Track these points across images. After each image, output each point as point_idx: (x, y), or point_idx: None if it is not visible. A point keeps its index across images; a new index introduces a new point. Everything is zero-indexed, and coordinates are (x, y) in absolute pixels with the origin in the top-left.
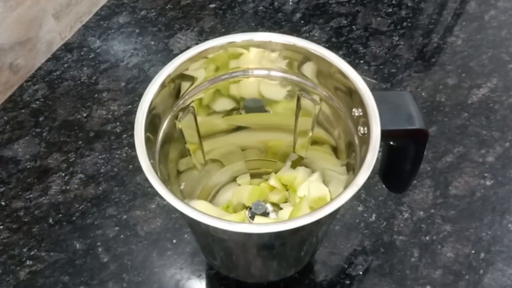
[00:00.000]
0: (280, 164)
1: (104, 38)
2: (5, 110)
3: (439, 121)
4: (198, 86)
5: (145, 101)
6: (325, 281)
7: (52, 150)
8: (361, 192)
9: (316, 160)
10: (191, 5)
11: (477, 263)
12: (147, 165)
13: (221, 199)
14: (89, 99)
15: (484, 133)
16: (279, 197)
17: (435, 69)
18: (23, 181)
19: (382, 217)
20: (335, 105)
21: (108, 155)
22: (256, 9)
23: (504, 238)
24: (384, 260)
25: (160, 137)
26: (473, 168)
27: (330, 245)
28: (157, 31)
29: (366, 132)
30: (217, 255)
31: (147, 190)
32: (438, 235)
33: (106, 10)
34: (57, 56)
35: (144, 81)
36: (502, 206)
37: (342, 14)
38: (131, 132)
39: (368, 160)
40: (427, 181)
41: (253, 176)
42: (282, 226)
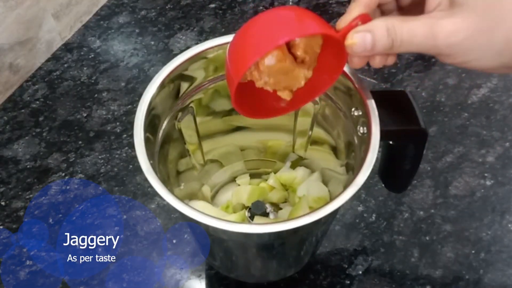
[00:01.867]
0: (280, 164)
1: (104, 38)
2: (5, 110)
3: (439, 121)
4: (198, 86)
5: (144, 101)
6: (325, 281)
7: (52, 150)
8: (361, 192)
9: (316, 160)
10: (191, 5)
11: (477, 263)
12: (146, 165)
13: (220, 199)
14: (89, 99)
15: (484, 133)
16: (278, 197)
17: (435, 69)
18: (23, 181)
19: (382, 217)
20: (334, 105)
21: (108, 155)
22: (256, 9)
23: (504, 238)
24: (384, 260)
25: (159, 138)
26: (473, 168)
27: (330, 245)
28: (157, 31)
29: (366, 132)
30: (217, 255)
31: (147, 190)
32: (438, 235)
33: (106, 10)
34: (57, 56)
35: (144, 81)
36: (502, 206)
37: (342, 14)
38: (131, 132)
39: (367, 160)
40: (427, 181)
41: (253, 176)
42: (281, 226)
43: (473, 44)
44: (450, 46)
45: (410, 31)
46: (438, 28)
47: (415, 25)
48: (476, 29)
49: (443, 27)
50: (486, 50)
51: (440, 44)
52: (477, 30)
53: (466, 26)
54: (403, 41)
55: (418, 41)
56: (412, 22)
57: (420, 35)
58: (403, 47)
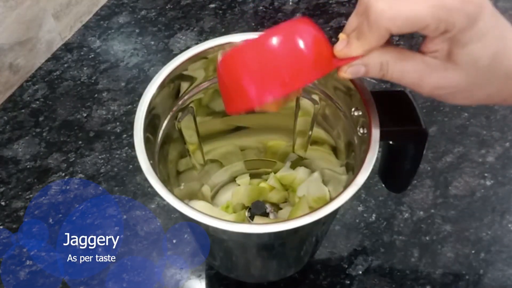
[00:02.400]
0: (280, 164)
1: (104, 38)
2: (5, 110)
3: (439, 121)
4: (198, 86)
5: (144, 101)
6: (325, 281)
7: (52, 150)
8: (361, 192)
9: (316, 160)
10: (191, 5)
11: (477, 263)
12: (146, 165)
13: (220, 199)
14: (89, 99)
15: (484, 133)
16: (278, 197)
17: None
18: (23, 181)
19: (382, 217)
20: (334, 105)
21: (108, 155)
22: (256, 9)
23: (504, 238)
24: (384, 260)
25: (159, 138)
26: (473, 168)
27: (330, 245)
28: (157, 31)
29: (366, 132)
30: (217, 255)
31: (147, 190)
32: (438, 235)
33: (106, 10)
34: (57, 56)
35: (144, 81)
36: (502, 206)
37: (342, 14)
38: (131, 132)
39: (367, 160)
40: (427, 181)
41: (253, 176)
42: (281, 226)
43: (454, 97)
44: (433, 95)
45: (400, 73)
46: (426, 80)
47: (406, 69)
48: (461, 89)
49: (432, 80)
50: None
51: (424, 92)
52: (462, 89)
53: (454, 85)
54: (393, 78)
55: (406, 83)
56: (405, 64)
57: (409, 80)
58: (393, 81)
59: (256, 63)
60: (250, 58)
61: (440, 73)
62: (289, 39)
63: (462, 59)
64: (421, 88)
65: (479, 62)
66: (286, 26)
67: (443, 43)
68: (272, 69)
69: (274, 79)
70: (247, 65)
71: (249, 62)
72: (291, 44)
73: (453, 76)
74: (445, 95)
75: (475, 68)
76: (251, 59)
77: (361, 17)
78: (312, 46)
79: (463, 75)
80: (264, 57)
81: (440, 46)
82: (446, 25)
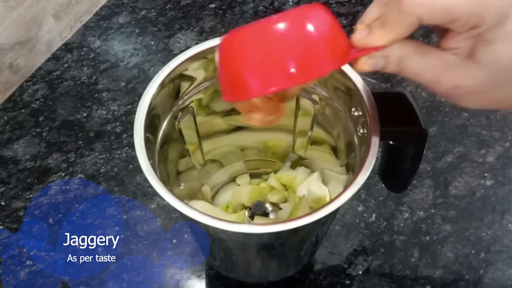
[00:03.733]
0: (280, 164)
1: (104, 38)
2: (5, 110)
3: (439, 121)
4: (198, 86)
5: (144, 101)
6: (325, 281)
7: (52, 150)
8: (361, 192)
9: (316, 160)
10: (191, 5)
11: (477, 263)
12: (146, 165)
13: (220, 199)
14: (89, 99)
15: (484, 133)
16: (278, 197)
17: None
18: (23, 181)
19: (382, 217)
20: (334, 105)
21: (108, 155)
22: (256, 9)
23: (504, 238)
24: (384, 260)
25: (159, 138)
26: (473, 168)
27: (330, 245)
28: (157, 31)
29: (366, 132)
30: (217, 255)
31: (147, 190)
32: (438, 235)
33: (106, 10)
34: (57, 56)
35: (144, 81)
36: (502, 206)
37: (342, 14)
38: (131, 132)
39: (368, 160)
40: (427, 181)
41: (253, 176)
42: (281, 226)
43: (470, 97)
44: (448, 95)
45: (418, 69)
46: (444, 77)
47: (425, 64)
48: (479, 89)
49: (450, 78)
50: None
51: (440, 91)
52: (479, 89)
53: (472, 84)
54: (409, 74)
55: (423, 79)
56: (424, 59)
57: (426, 76)
58: (409, 76)
59: (259, 49)
60: (253, 44)
61: (459, 71)
62: (300, 24)
63: (484, 58)
64: (438, 86)
65: (502, 63)
66: (297, 10)
67: (467, 40)
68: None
69: (279, 68)
70: (249, 51)
71: (251, 48)
72: (302, 30)
73: (473, 75)
74: (461, 94)
75: (497, 69)
76: (254, 44)
77: (389, 4)
78: (328, 34)
79: (483, 75)
80: (270, 43)
81: (463, 43)
82: (477, 20)
